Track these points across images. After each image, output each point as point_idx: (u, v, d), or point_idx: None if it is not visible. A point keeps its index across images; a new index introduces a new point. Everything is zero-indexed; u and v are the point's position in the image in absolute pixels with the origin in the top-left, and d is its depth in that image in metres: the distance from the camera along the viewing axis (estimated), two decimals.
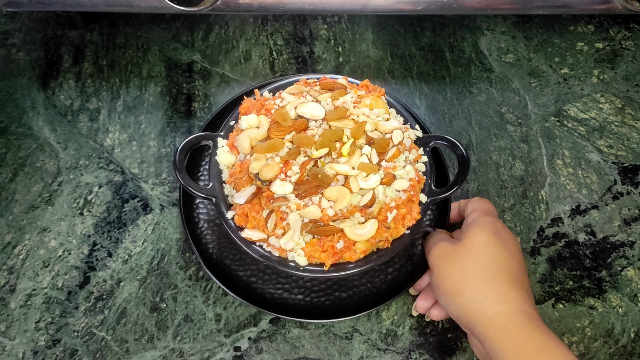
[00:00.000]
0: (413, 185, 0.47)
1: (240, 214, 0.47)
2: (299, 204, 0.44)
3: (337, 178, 0.45)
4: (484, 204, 0.51)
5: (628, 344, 0.53)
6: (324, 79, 0.53)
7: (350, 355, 0.52)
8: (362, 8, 0.59)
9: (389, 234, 0.46)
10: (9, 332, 0.51)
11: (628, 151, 0.63)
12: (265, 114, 0.49)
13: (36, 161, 0.60)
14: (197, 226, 0.56)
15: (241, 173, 0.47)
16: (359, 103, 0.50)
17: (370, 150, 0.47)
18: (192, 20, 0.70)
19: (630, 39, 0.71)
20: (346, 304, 0.53)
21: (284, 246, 0.45)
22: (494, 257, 0.45)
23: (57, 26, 0.69)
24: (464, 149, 0.49)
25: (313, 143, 0.46)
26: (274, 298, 0.53)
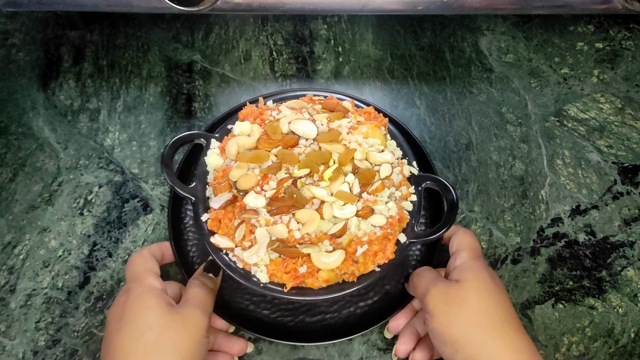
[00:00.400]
0: (392, 223, 0.45)
1: (214, 219, 0.46)
2: (269, 220, 0.43)
3: (313, 201, 0.44)
4: (470, 239, 0.49)
5: (628, 344, 0.53)
6: (329, 98, 0.53)
7: (350, 356, 0.52)
8: (362, 8, 0.59)
9: (356, 268, 0.45)
10: (9, 332, 0.51)
11: (628, 151, 0.63)
12: (259, 124, 0.48)
13: (36, 161, 0.60)
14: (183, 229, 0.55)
15: (222, 178, 0.47)
16: (355, 129, 0.48)
17: (353, 180, 0.45)
18: (192, 21, 0.70)
19: (630, 39, 0.71)
20: (309, 329, 0.51)
21: (246, 259, 0.44)
22: (497, 302, 0.43)
23: (57, 26, 0.69)
24: (455, 194, 0.48)
25: (297, 161, 0.45)
26: (239, 309, 0.52)
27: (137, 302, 0.42)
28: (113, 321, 0.42)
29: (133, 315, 0.41)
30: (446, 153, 0.62)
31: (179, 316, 0.42)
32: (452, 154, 0.62)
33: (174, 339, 0.41)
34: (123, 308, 0.42)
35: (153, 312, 0.41)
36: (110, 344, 0.41)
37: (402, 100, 0.65)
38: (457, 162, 0.62)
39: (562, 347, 0.53)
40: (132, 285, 0.44)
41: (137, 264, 0.46)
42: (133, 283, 0.44)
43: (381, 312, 0.52)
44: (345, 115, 0.50)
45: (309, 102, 0.52)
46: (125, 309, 0.42)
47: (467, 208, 0.59)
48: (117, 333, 0.41)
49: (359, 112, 0.52)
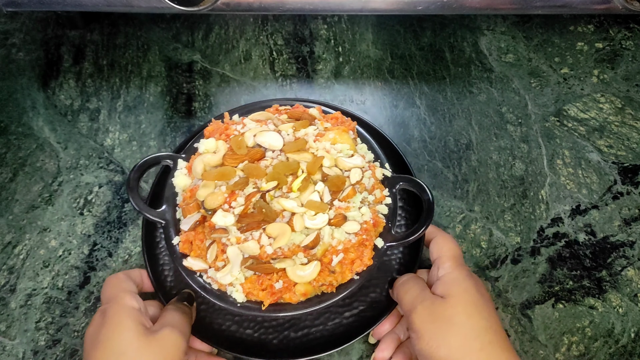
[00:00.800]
0: (367, 228, 0.44)
1: (185, 241, 0.45)
2: (240, 238, 0.42)
3: (284, 214, 0.43)
4: (450, 245, 0.47)
5: (628, 344, 0.53)
6: (296, 107, 0.51)
7: (350, 355, 0.52)
8: (362, 8, 0.59)
9: (334, 278, 0.44)
10: (9, 332, 0.51)
11: (628, 151, 0.63)
12: (225, 140, 0.47)
13: (36, 161, 0.60)
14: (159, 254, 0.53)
15: (191, 199, 0.45)
16: (323, 136, 0.47)
17: (323, 188, 0.44)
18: (192, 20, 0.70)
19: (630, 39, 0.71)
20: (294, 345, 0.50)
21: (220, 280, 0.43)
22: (486, 320, 0.42)
23: (57, 26, 0.69)
24: (430, 194, 0.46)
25: (264, 174, 0.43)
26: (220, 330, 0.50)
27: (112, 323, 0.41)
28: (88, 342, 0.41)
29: (107, 337, 0.40)
30: (446, 153, 0.62)
31: (155, 339, 0.40)
32: (452, 154, 0.62)
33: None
34: (98, 328, 0.41)
35: (128, 335, 0.40)
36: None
37: (402, 100, 0.65)
38: (457, 162, 0.62)
39: (562, 347, 0.53)
40: (107, 306, 0.42)
41: (112, 285, 0.45)
42: (109, 303, 0.43)
43: (368, 321, 0.50)
44: (311, 122, 0.49)
45: (274, 113, 0.51)
46: (101, 330, 0.40)
47: (467, 208, 0.59)
48: (91, 355, 0.40)
49: (327, 118, 0.51)
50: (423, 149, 0.62)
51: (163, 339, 0.41)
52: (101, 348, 0.39)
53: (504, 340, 0.42)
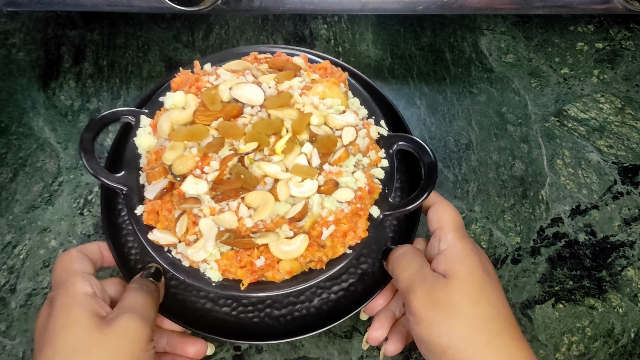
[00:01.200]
0: (361, 196, 0.38)
1: (150, 211, 0.39)
2: (214, 208, 0.36)
3: (265, 180, 0.37)
4: (451, 214, 0.43)
5: (628, 344, 0.53)
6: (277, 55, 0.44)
7: (350, 354, 0.51)
8: (362, 8, 0.59)
9: (324, 254, 0.38)
10: (9, 332, 0.51)
11: (628, 151, 0.63)
12: (195, 93, 0.40)
13: (36, 161, 0.60)
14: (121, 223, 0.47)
15: (156, 162, 0.39)
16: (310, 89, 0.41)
17: (312, 150, 0.38)
18: (193, 20, 0.70)
19: (630, 39, 0.71)
20: (278, 324, 0.45)
21: (192, 257, 0.37)
22: (492, 304, 0.38)
23: (57, 26, 0.69)
24: (433, 154, 0.41)
25: (242, 134, 0.37)
26: (195, 309, 0.45)
27: (60, 317, 0.35)
28: (38, 336, 0.36)
29: (55, 332, 0.35)
30: (446, 153, 0.62)
31: (111, 330, 0.35)
32: (453, 154, 0.62)
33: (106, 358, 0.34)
34: (46, 323, 0.36)
35: (78, 330, 0.35)
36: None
37: (403, 100, 0.65)
38: (457, 162, 0.62)
39: (562, 347, 0.53)
40: (56, 293, 0.37)
41: (62, 266, 0.39)
42: (57, 290, 0.37)
43: (359, 296, 0.45)
44: (296, 74, 0.42)
45: (253, 62, 0.44)
46: (48, 325, 0.35)
47: (468, 208, 0.59)
48: (40, 352, 0.35)
49: (313, 68, 0.44)
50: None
51: (120, 329, 0.35)
52: (49, 346, 0.34)
53: (513, 328, 0.38)
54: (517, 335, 0.38)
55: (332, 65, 0.45)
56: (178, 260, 0.39)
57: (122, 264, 0.44)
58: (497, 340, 0.36)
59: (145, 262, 0.45)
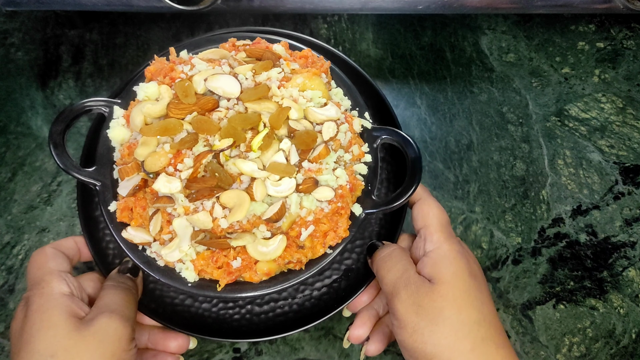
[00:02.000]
0: (342, 194, 0.37)
1: (124, 209, 0.38)
2: (188, 208, 0.35)
3: (241, 179, 0.35)
4: (437, 212, 0.41)
5: (629, 344, 0.53)
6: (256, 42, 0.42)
7: (350, 357, 0.51)
8: (362, 7, 0.59)
9: (302, 255, 0.37)
10: (8, 333, 0.51)
11: (629, 151, 0.63)
12: (169, 84, 0.38)
13: (35, 161, 0.60)
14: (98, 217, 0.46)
15: (129, 157, 0.37)
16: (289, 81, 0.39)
17: (290, 146, 0.36)
18: (192, 20, 0.70)
19: (631, 39, 0.71)
20: (258, 321, 0.44)
21: (166, 257, 0.36)
22: (477, 309, 0.37)
23: (56, 25, 0.69)
24: (417, 149, 0.39)
25: (217, 130, 0.35)
26: (173, 305, 0.43)
27: (36, 319, 0.34)
28: (14, 338, 0.35)
29: (31, 336, 0.34)
30: (447, 153, 0.62)
31: (90, 332, 0.34)
32: (453, 154, 0.62)
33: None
34: (22, 325, 0.35)
35: (56, 332, 0.34)
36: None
37: (403, 100, 0.65)
38: (458, 162, 0.61)
39: (563, 348, 0.52)
40: (31, 293, 0.36)
41: (37, 265, 0.38)
42: (32, 291, 0.36)
43: (343, 292, 0.44)
44: (275, 63, 0.40)
45: (231, 50, 0.41)
46: (25, 327, 0.34)
47: (468, 209, 0.59)
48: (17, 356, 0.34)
49: (294, 57, 0.42)
50: (424, 149, 0.61)
51: (100, 330, 0.34)
52: (26, 350, 0.33)
53: (498, 335, 0.37)
54: (502, 342, 0.37)
55: (313, 53, 0.42)
56: (153, 259, 0.38)
57: (100, 259, 0.43)
58: (481, 347, 0.36)
59: (123, 257, 0.43)
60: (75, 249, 0.42)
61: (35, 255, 0.39)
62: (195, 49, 0.42)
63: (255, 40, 0.42)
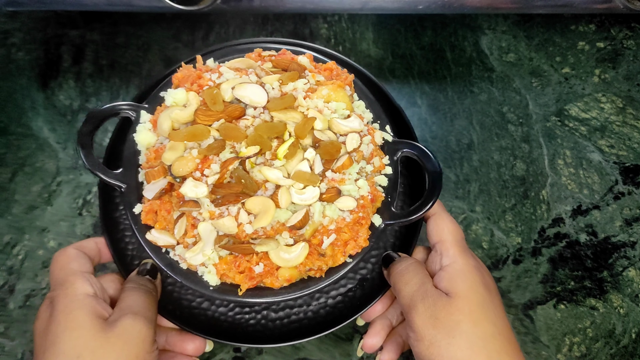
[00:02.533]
0: (363, 205, 0.38)
1: (149, 211, 0.38)
2: (213, 212, 0.35)
3: (266, 186, 0.36)
4: (452, 227, 0.42)
5: (629, 344, 0.53)
6: (282, 53, 0.43)
7: (351, 357, 0.51)
8: (362, 7, 0.59)
9: (323, 262, 0.38)
10: (8, 333, 0.51)
11: (629, 151, 0.63)
12: (197, 91, 0.39)
13: (36, 161, 0.60)
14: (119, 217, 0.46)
15: (155, 161, 0.38)
16: (314, 92, 0.39)
17: (314, 156, 0.37)
18: (193, 20, 0.70)
19: (631, 39, 0.71)
20: (274, 326, 0.44)
21: (190, 260, 0.37)
22: (493, 322, 0.38)
23: (57, 25, 0.69)
24: (437, 163, 0.40)
25: (244, 137, 0.36)
26: (190, 307, 0.44)
27: (61, 320, 0.35)
28: (38, 338, 0.36)
29: (57, 337, 0.34)
30: (448, 153, 0.62)
31: (115, 333, 0.34)
32: (454, 154, 0.62)
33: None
34: (47, 325, 0.35)
35: (81, 333, 0.34)
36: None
37: (403, 100, 0.65)
38: (458, 162, 0.61)
39: (564, 348, 0.52)
40: (55, 294, 0.36)
41: (60, 265, 0.38)
42: (57, 291, 0.36)
43: (358, 302, 0.44)
44: (301, 75, 0.41)
45: (257, 60, 0.42)
46: (50, 327, 0.35)
47: (469, 208, 0.59)
48: (42, 355, 0.34)
49: (319, 68, 0.43)
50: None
51: (125, 332, 0.35)
52: (52, 351, 0.34)
53: (512, 347, 0.38)
54: (516, 354, 0.38)
55: (337, 66, 0.44)
56: (176, 261, 0.39)
57: (119, 260, 0.43)
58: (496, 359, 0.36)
59: (142, 258, 0.44)
60: (96, 250, 0.42)
61: (57, 255, 0.39)
62: (221, 57, 0.43)
63: (281, 52, 0.43)
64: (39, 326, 0.36)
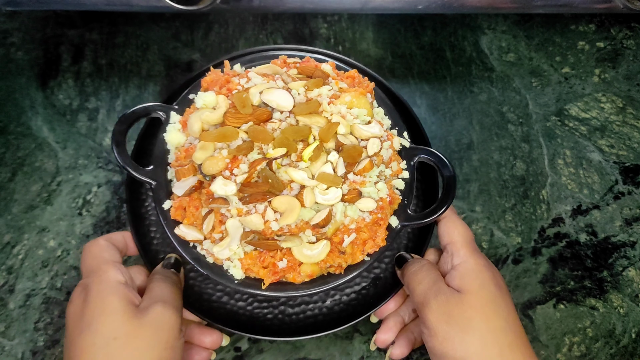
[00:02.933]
0: (382, 206, 0.40)
1: (178, 207, 0.40)
2: (241, 210, 0.37)
3: (292, 186, 0.38)
4: (462, 229, 0.44)
5: (629, 344, 0.53)
6: (306, 60, 0.46)
7: (350, 356, 0.51)
8: (362, 7, 0.59)
9: (343, 260, 0.40)
10: (8, 333, 0.51)
11: (629, 151, 0.63)
12: (226, 94, 0.41)
13: (35, 161, 0.60)
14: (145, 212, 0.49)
15: (185, 159, 0.40)
16: (338, 98, 0.42)
17: (337, 159, 0.39)
18: (192, 19, 0.70)
19: (631, 38, 0.71)
20: (290, 321, 0.46)
21: (217, 254, 0.39)
22: (504, 318, 0.39)
23: (56, 25, 0.69)
24: (452, 169, 0.42)
25: (271, 139, 0.38)
26: (211, 301, 0.46)
27: (97, 304, 0.36)
28: (73, 321, 0.37)
29: (93, 319, 0.36)
30: (447, 152, 0.62)
31: (147, 320, 0.36)
32: (454, 154, 0.62)
33: (144, 349, 0.35)
34: (82, 308, 0.37)
35: (116, 318, 0.36)
36: (72, 348, 0.36)
37: None
38: (458, 162, 0.61)
39: (564, 348, 0.52)
40: (89, 280, 0.38)
41: (92, 255, 0.40)
42: (91, 277, 0.38)
43: (371, 299, 0.46)
44: (325, 81, 0.43)
45: (282, 66, 0.45)
46: (85, 311, 0.36)
47: (469, 208, 0.59)
48: (78, 337, 0.36)
49: (341, 76, 0.45)
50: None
51: (156, 318, 0.37)
52: (88, 333, 0.35)
53: (523, 341, 0.39)
54: (527, 349, 0.39)
55: (359, 74, 0.46)
56: (202, 256, 0.40)
57: (144, 253, 0.45)
58: (508, 353, 0.38)
59: (166, 252, 0.46)
60: (123, 243, 0.44)
61: (89, 245, 0.41)
62: (247, 63, 0.45)
63: (305, 59, 0.46)
64: (73, 310, 0.37)
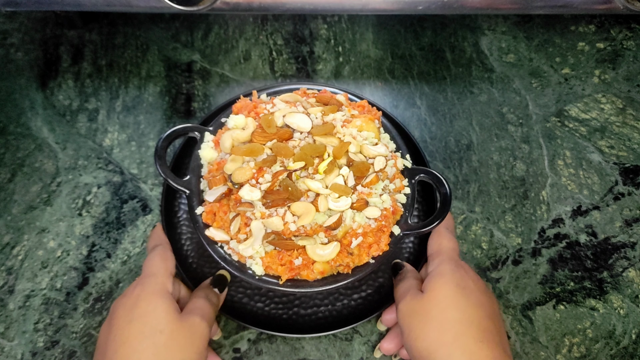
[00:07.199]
0: (386, 215, 0.46)
1: (209, 212, 0.46)
2: (264, 213, 0.44)
3: (308, 194, 0.44)
4: (443, 242, 0.49)
5: (629, 345, 0.53)
6: (323, 92, 0.53)
7: (350, 357, 0.51)
8: (362, 8, 0.59)
9: (351, 260, 0.45)
10: (7, 334, 0.51)
11: (629, 152, 0.63)
12: (254, 117, 0.49)
13: (35, 161, 0.60)
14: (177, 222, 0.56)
15: (217, 171, 0.47)
16: (349, 122, 0.49)
17: (348, 172, 0.46)
18: (192, 20, 0.70)
19: (631, 39, 0.71)
20: (303, 321, 0.52)
21: (242, 252, 0.45)
22: (461, 310, 0.42)
23: (56, 26, 0.69)
24: (448, 187, 0.48)
25: (291, 154, 0.45)
26: (233, 301, 0.53)
27: (150, 300, 0.43)
28: (122, 310, 0.43)
29: (145, 311, 0.42)
30: (447, 153, 0.62)
31: (187, 324, 0.42)
32: (453, 154, 0.62)
33: (182, 346, 0.41)
34: (135, 301, 0.43)
35: (165, 315, 0.42)
36: (117, 332, 0.41)
37: (403, 100, 0.65)
38: (458, 163, 0.61)
39: (563, 349, 0.52)
40: (147, 280, 0.44)
41: (159, 260, 0.47)
42: (149, 278, 0.45)
43: (374, 305, 0.52)
44: (339, 108, 0.50)
45: (302, 96, 0.52)
46: (138, 303, 0.42)
47: (468, 209, 0.59)
48: (128, 324, 0.41)
49: (353, 105, 0.52)
50: (424, 149, 0.61)
51: (194, 326, 0.43)
52: (138, 322, 0.41)
53: (479, 331, 0.41)
54: (481, 337, 0.41)
55: (368, 104, 0.53)
56: (228, 255, 0.46)
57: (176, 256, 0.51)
58: (462, 340, 0.41)
59: (195, 256, 0.54)
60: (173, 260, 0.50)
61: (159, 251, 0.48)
62: (272, 93, 0.54)
63: (322, 91, 0.54)
64: (126, 302, 0.43)
